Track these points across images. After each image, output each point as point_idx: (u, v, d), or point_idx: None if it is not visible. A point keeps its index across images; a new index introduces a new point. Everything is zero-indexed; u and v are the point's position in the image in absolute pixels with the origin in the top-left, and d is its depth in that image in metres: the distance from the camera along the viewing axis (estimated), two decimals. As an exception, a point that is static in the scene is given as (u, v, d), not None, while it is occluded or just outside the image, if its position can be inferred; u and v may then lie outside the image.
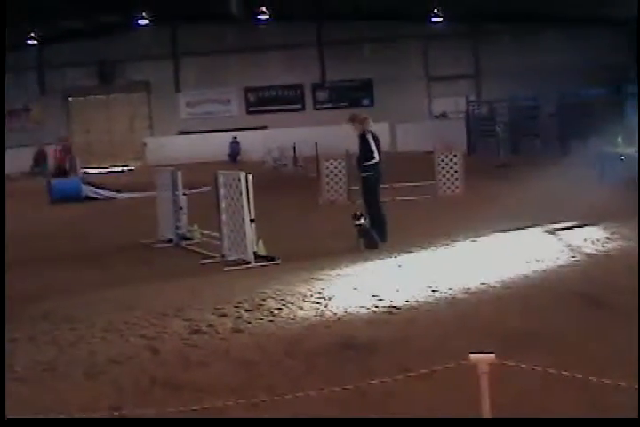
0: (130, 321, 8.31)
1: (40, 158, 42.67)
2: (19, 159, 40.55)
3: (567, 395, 5.41)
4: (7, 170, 37.65)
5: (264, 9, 40.38)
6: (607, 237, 11.99)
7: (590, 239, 11.89)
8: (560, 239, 12.24)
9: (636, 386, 4.44)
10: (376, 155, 12.52)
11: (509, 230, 13.10)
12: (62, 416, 5.31)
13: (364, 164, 12.58)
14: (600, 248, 11.24)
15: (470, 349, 4.52)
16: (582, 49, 40.93)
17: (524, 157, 29.42)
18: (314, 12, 41.57)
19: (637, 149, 16.50)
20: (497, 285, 9.16)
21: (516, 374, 4.84)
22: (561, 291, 8.76)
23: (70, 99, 47.53)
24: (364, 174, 12.65)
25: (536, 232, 12.93)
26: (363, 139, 12.63)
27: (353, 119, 12.99)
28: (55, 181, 24.57)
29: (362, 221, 12.11)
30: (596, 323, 7.38)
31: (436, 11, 40.10)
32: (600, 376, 4.58)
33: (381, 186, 12.96)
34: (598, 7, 33.80)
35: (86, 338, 7.77)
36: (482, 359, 4.35)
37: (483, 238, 12.53)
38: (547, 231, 12.94)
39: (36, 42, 43.09)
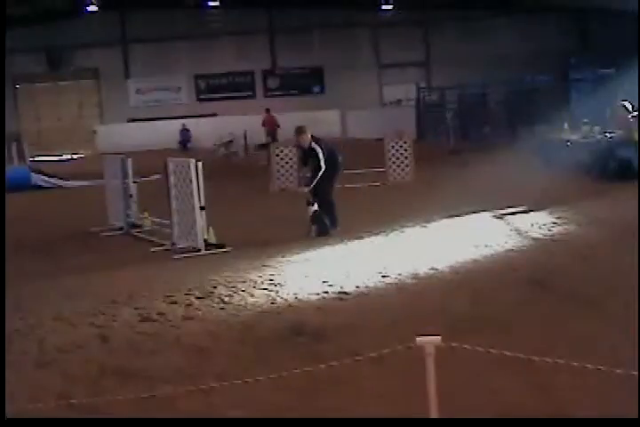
0: (79, 310, 8.27)
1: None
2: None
3: (511, 375, 5.54)
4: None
5: (214, -5, 40.16)
6: (553, 222, 12.18)
7: (537, 224, 12.07)
8: (508, 224, 12.41)
9: (574, 363, 4.55)
10: (322, 164, 12.36)
11: (458, 216, 13.25)
12: (9, 406, 5.29)
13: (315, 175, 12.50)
14: (546, 233, 11.43)
15: (418, 333, 4.60)
16: (529, 36, 41.45)
17: (473, 144, 29.65)
18: (265, -2, 41.49)
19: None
20: (446, 270, 9.28)
21: (461, 356, 4.94)
22: (508, 275, 8.91)
23: (18, 86, 46.82)
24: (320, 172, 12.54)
25: (484, 217, 13.09)
26: (312, 151, 12.51)
27: (299, 132, 12.77)
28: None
29: (315, 207, 12.14)
30: (541, 306, 7.52)
31: (386, -2, 40.23)
32: (542, 356, 4.69)
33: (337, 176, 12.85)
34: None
35: (35, 327, 7.73)
36: (428, 342, 4.42)
37: (432, 224, 12.65)
38: (495, 216, 13.11)
39: (-18, 28, 42.37)
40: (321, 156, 12.32)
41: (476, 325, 6.94)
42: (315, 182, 12.38)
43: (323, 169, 12.28)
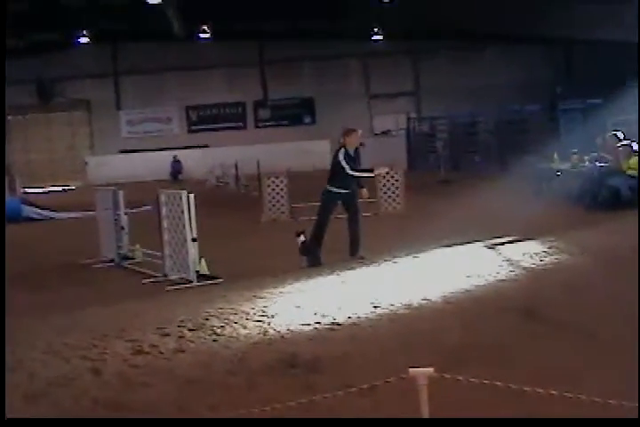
0: (70, 343, 8.22)
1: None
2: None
3: (503, 405, 5.53)
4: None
5: (205, 27, 40.44)
6: (545, 252, 12.19)
7: (528, 254, 12.08)
8: (499, 254, 12.43)
9: (568, 395, 4.56)
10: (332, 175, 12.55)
11: (450, 246, 13.27)
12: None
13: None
14: (538, 262, 11.44)
15: (411, 364, 4.60)
16: (518, 66, 41.88)
17: (464, 173, 29.81)
18: (255, 30, 41.76)
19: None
20: (438, 300, 9.27)
21: (454, 387, 4.93)
22: (500, 305, 8.90)
23: (9, 117, 46.93)
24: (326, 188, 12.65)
25: (476, 247, 13.11)
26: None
27: (350, 131, 12.92)
28: (-6, 202, 24.18)
29: (302, 237, 12.17)
30: (532, 336, 7.52)
31: (375, 29, 40.52)
32: (534, 386, 4.69)
33: (336, 205, 12.88)
34: (533, 26, 34.51)
35: (26, 361, 7.67)
36: (420, 373, 4.43)
37: (424, 254, 12.66)
38: (486, 246, 13.12)
39: (-28, 60, 42.52)
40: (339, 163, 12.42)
41: (469, 355, 6.94)
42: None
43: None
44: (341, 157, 12.53)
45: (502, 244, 13.27)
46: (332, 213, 12.80)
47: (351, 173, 12.51)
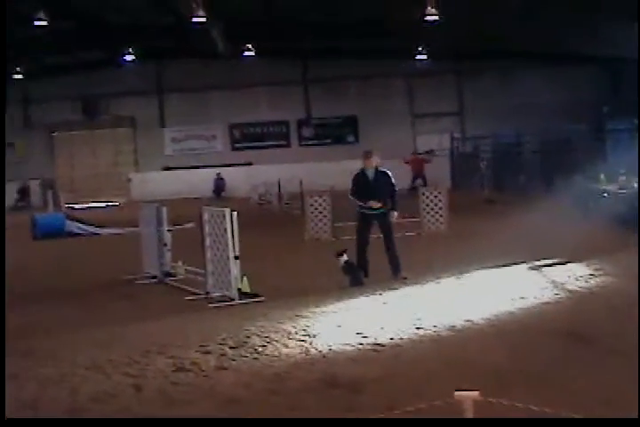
0: (113, 359, 8.25)
1: (24, 193, 42.72)
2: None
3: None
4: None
5: (249, 46, 40.69)
6: (590, 274, 12.03)
7: (574, 276, 11.93)
8: (544, 276, 12.27)
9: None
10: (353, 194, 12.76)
11: (494, 267, 13.13)
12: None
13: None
14: (583, 285, 11.28)
15: (454, 386, 4.52)
16: (563, 85, 41.46)
17: (508, 194, 29.56)
18: (298, 49, 41.93)
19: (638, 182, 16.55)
20: (481, 322, 9.17)
21: (499, 411, 4.83)
22: (545, 328, 8.77)
23: (55, 133, 47.54)
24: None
25: (520, 269, 12.96)
26: (384, 175, 12.84)
27: (369, 154, 13.13)
28: (39, 217, 24.46)
29: (345, 257, 12.13)
30: (579, 361, 7.38)
31: (419, 48, 40.47)
32: (584, 413, 4.59)
33: (369, 225, 12.89)
34: (579, 44, 34.23)
35: (69, 376, 7.71)
36: (466, 396, 4.34)
37: (467, 275, 12.55)
38: (531, 268, 12.97)
39: (21, 76, 43.20)
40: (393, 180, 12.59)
41: (512, 378, 6.83)
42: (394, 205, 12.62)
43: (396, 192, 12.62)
44: (353, 178, 12.98)
45: (547, 265, 13.11)
46: (365, 233, 12.75)
47: (350, 197, 12.94)
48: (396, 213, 12.78)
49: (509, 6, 28.61)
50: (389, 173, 12.85)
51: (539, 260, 13.44)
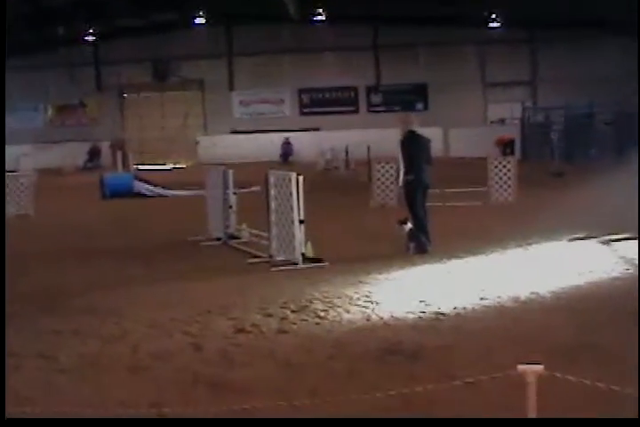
0: (174, 317, 8.30)
1: (94, 154, 43.33)
2: (73, 154, 41.12)
3: (616, 411, 5.24)
4: (61, 164, 38.25)
5: (320, 10, 40.42)
6: (662, 250, 11.71)
7: (644, 251, 11.62)
8: (614, 251, 11.99)
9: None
10: (402, 165, 12.29)
11: (562, 240, 12.89)
12: (100, 410, 5.30)
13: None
14: (655, 260, 10.99)
15: (517, 359, 4.41)
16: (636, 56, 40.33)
17: (578, 166, 29.01)
18: (370, 14, 41.48)
19: None
20: (547, 295, 8.98)
21: (562, 386, 4.70)
22: (613, 304, 8.56)
23: (125, 95, 47.99)
24: (405, 178, 12.37)
25: (590, 243, 12.69)
26: (402, 144, 12.40)
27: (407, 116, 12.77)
28: (108, 177, 24.75)
29: (409, 225, 12.00)
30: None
31: (493, 16, 39.75)
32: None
33: (425, 191, 12.52)
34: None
35: (130, 333, 7.78)
36: (530, 370, 4.23)
37: (534, 247, 12.34)
38: (601, 242, 12.68)
39: (93, 38, 43.60)
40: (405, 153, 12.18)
41: (577, 354, 6.66)
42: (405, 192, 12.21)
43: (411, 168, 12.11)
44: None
45: (617, 240, 12.80)
46: (424, 201, 12.43)
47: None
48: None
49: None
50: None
51: (609, 234, 13.13)
